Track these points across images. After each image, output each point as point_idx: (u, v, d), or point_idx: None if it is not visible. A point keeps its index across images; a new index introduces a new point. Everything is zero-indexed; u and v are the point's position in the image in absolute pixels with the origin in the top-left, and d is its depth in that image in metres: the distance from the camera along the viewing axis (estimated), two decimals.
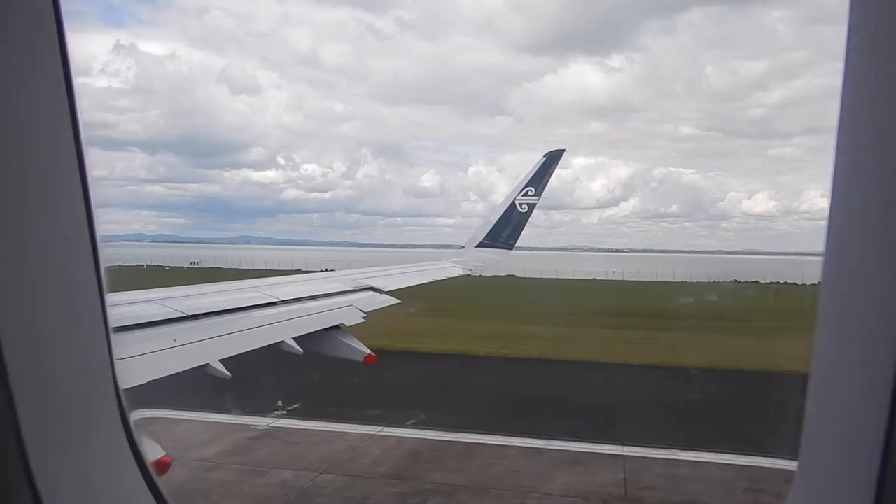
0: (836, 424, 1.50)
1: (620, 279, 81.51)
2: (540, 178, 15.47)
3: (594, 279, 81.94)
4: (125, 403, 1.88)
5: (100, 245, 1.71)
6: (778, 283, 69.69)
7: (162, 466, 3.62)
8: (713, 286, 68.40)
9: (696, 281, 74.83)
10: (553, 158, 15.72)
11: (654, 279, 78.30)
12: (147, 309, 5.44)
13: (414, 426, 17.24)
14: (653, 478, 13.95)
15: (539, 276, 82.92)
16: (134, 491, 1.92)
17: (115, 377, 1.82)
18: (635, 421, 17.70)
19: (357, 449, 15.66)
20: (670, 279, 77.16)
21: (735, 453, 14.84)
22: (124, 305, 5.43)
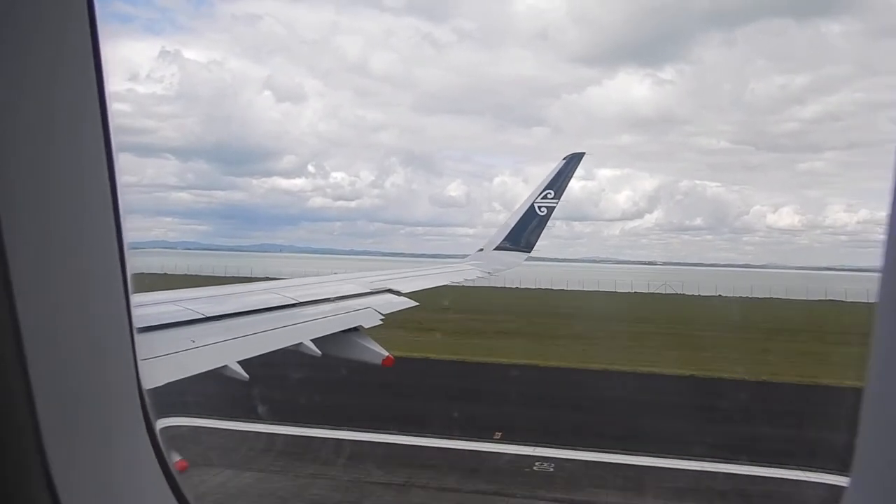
0: (890, 439, 1.46)
1: (682, 293, 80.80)
2: (559, 181, 15.32)
3: (657, 292, 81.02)
4: (149, 406, 1.87)
5: (127, 250, 1.73)
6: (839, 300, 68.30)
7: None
8: (805, 304, 67.20)
9: (773, 297, 73.15)
10: (572, 161, 15.57)
11: (712, 293, 77.90)
12: (166, 310, 5.41)
13: None
14: None
15: (582, 289, 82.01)
16: (156, 493, 1.89)
17: (139, 380, 1.82)
18: None
19: None
20: (731, 293, 77.12)
21: None
22: (142, 307, 5.41)
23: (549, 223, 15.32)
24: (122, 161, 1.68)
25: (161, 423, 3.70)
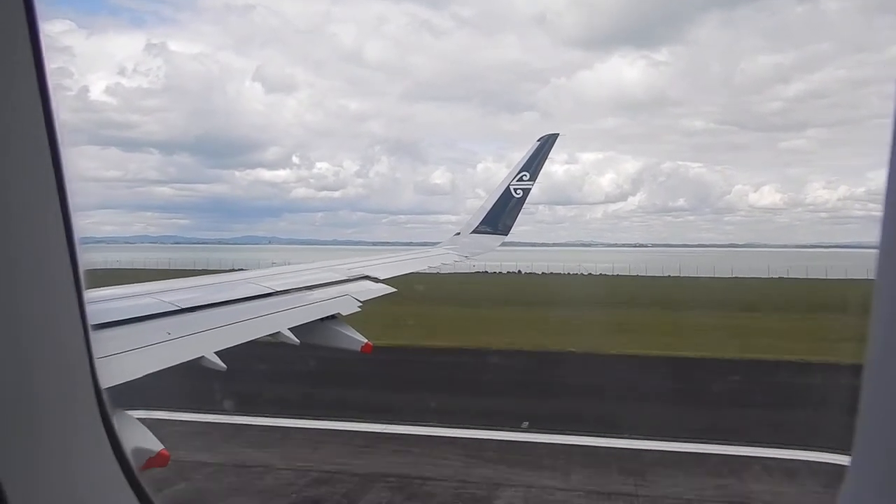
0: (891, 419, 1.47)
1: (697, 275, 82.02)
2: (534, 163, 15.36)
3: (673, 275, 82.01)
4: (107, 403, 1.83)
5: (78, 245, 1.68)
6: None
7: (161, 459, 3.61)
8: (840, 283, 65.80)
9: (792, 277, 73.64)
10: (546, 142, 15.61)
11: (728, 275, 79.15)
12: (141, 303, 5.37)
13: None
14: None
15: (599, 274, 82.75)
16: (116, 490, 1.87)
17: (95, 377, 1.78)
18: None
19: None
20: (745, 275, 78.44)
21: None
22: (116, 300, 5.36)
23: (532, 208, 15.38)
24: (108, 156, 1.62)
25: (138, 416, 3.69)
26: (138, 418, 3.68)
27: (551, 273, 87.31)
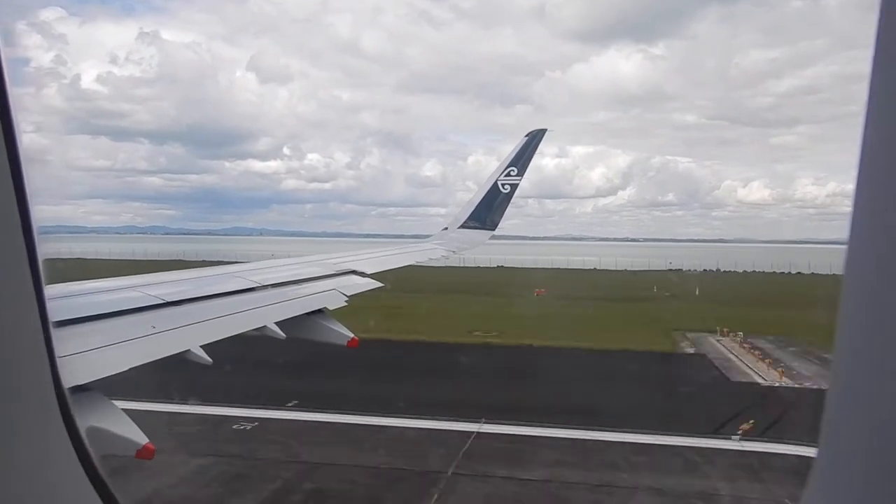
0: (856, 416, 1.49)
1: (719, 271, 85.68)
2: (521, 158, 15.41)
3: (701, 270, 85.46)
4: (69, 401, 1.78)
5: (38, 236, 1.60)
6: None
7: (146, 453, 3.61)
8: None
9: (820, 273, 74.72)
10: (535, 137, 15.66)
11: (746, 270, 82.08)
12: (125, 296, 5.36)
13: None
14: None
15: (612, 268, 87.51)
16: (80, 493, 1.83)
17: (55, 375, 1.72)
18: None
19: None
20: (764, 270, 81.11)
21: None
22: (101, 293, 5.35)
23: (521, 202, 15.46)
24: (98, 145, 1.53)
25: (123, 407, 3.70)
26: (123, 409, 3.70)
27: (551, 267, 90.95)
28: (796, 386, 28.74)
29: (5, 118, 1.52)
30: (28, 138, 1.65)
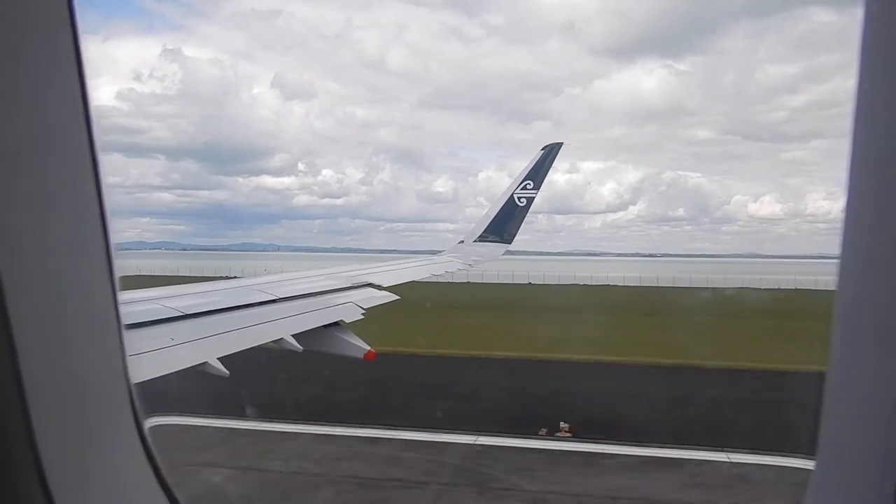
0: (853, 424, 1.50)
1: (749, 286, 78.20)
2: (538, 172, 15.39)
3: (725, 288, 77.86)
4: (138, 404, 1.87)
5: (113, 250, 1.73)
6: None
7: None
8: None
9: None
10: (551, 151, 15.65)
11: (759, 286, 76.22)
12: (144, 308, 5.38)
13: None
14: None
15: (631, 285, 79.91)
16: (146, 489, 1.90)
17: (128, 378, 1.82)
18: None
19: None
20: (779, 287, 75.61)
21: None
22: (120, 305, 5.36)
23: (532, 217, 15.41)
24: (109, 161, 1.68)
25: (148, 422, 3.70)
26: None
27: (594, 284, 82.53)
28: None
29: (91, 142, 1.63)
30: None
